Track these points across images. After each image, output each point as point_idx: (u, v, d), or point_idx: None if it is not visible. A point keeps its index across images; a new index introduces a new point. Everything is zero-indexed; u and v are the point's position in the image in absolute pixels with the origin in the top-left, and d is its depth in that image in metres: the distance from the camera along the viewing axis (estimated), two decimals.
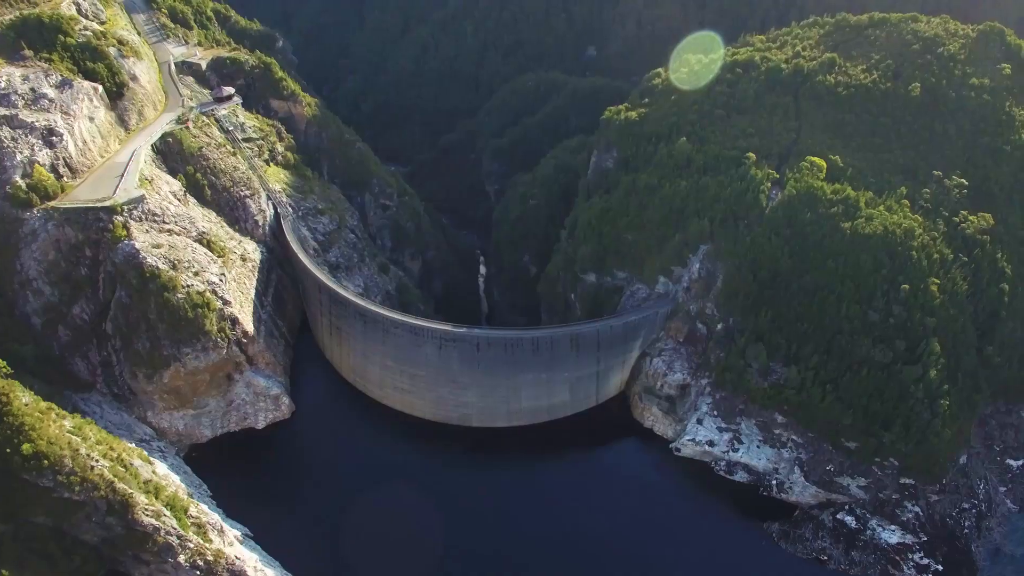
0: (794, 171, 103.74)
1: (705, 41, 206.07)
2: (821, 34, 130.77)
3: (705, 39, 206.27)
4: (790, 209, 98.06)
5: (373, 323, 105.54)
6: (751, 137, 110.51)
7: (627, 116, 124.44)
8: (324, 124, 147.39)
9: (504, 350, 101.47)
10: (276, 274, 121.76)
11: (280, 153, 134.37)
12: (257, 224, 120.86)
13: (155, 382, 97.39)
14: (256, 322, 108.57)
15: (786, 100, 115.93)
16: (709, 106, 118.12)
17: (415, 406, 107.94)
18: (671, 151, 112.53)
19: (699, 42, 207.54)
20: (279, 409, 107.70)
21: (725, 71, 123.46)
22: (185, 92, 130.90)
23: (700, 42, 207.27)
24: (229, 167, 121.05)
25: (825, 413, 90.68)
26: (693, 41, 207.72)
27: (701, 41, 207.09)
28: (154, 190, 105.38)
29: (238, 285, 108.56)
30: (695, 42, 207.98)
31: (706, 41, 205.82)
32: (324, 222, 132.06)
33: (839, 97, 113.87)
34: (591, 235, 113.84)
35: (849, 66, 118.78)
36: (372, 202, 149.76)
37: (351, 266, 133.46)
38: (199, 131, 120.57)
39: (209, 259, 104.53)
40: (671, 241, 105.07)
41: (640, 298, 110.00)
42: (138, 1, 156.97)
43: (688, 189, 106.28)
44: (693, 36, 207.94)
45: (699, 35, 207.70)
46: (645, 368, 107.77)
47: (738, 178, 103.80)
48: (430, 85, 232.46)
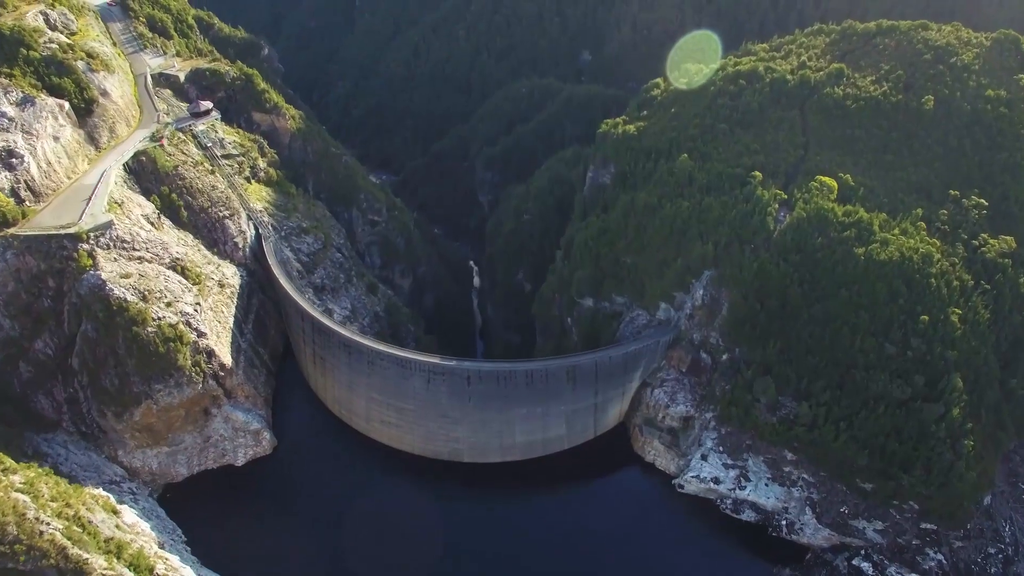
0: (803, 191, 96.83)
1: (703, 41, 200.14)
2: (827, 43, 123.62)
3: (703, 38, 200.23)
4: (799, 233, 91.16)
5: (358, 354, 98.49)
6: (756, 154, 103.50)
7: (624, 130, 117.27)
8: (309, 137, 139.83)
9: (496, 383, 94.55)
10: (257, 298, 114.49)
11: (262, 169, 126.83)
12: (237, 246, 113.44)
13: (125, 420, 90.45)
14: (235, 353, 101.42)
15: (792, 114, 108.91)
16: (711, 120, 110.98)
17: (403, 440, 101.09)
18: (671, 168, 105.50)
19: (697, 41, 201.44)
20: (260, 444, 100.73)
21: (727, 82, 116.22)
22: (161, 106, 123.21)
23: (698, 42, 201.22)
24: (207, 186, 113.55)
25: (839, 452, 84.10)
26: (691, 40, 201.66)
27: (699, 40, 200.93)
28: (124, 214, 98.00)
29: (215, 314, 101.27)
30: (693, 42, 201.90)
31: (704, 41, 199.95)
32: (308, 242, 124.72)
33: (848, 111, 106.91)
34: (588, 258, 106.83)
35: (858, 77, 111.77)
36: (360, 218, 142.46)
37: (337, 287, 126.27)
38: (175, 149, 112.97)
39: (183, 287, 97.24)
40: (672, 266, 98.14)
41: (640, 325, 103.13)
42: (115, 10, 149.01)
43: (690, 210, 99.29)
44: (691, 35, 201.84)
45: (697, 34, 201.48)
46: (646, 399, 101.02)
47: (743, 199, 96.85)
48: (421, 89, 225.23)
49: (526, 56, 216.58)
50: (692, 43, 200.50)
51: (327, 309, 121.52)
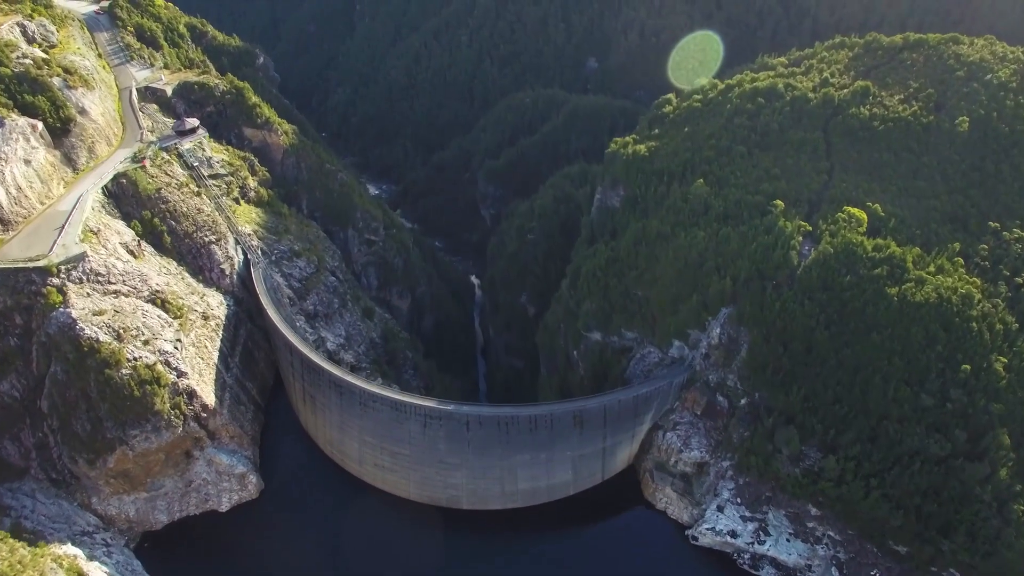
0: (828, 222, 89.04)
1: (704, 42, 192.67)
2: (850, 57, 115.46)
3: (704, 39, 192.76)
4: (826, 269, 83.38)
5: (349, 395, 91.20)
6: (777, 180, 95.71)
7: (635, 150, 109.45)
8: (303, 153, 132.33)
9: (497, 429, 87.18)
10: (245, 328, 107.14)
11: (252, 189, 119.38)
12: (223, 273, 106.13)
13: (98, 467, 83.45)
14: (219, 390, 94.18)
15: (815, 136, 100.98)
16: (727, 141, 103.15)
17: (398, 486, 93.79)
18: (686, 194, 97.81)
19: (698, 42, 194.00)
20: (245, 489, 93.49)
21: (745, 100, 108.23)
22: (146, 123, 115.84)
23: (699, 42, 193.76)
24: (192, 209, 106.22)
25: (870, 511, 76.49)
26: (693, 41, 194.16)
27: (700, 41, 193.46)
28: (100, 244, 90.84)
29: (197, 350, 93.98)
30: (694, 42, 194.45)
31: (705, 42, 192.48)
32: (300, 266, 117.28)
33: (875, 132, 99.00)
34: (595, 289, 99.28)
35: (884, 95, 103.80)
36: (356, 237, 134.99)
37: (331, 314, 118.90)
38: (158, 170, 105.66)
39: (163, 323, 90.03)
40: (687, 301, 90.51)
41: (651, 362, 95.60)
42: (103, 18, 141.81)
43: (706, 241, 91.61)
44: (693, 36, 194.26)
45: (698, 35, 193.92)
46: (657, 442, 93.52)
47: (764, 230, 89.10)
48: (422, 97, 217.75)
49: (530, 63, 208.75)
50: (694, 44, 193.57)
51: (320, 337, 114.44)
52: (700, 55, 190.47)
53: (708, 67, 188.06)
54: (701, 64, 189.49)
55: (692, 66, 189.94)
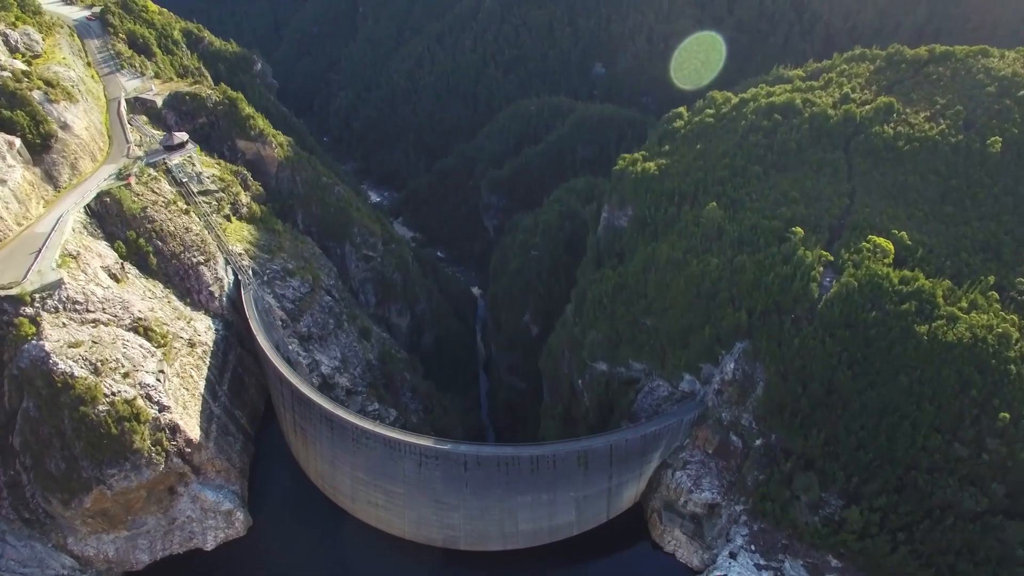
0: (851, 251, 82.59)
1: (707, 42, 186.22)
2: (871, 71, 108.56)
3: (707, 39, 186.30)
4: (849, 304, 77.04)
5: (341, 429, 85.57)
6: (795, 203, 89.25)
7: (643, 168, 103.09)
8: (298, 166, 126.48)
9: (497, 469, 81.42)
10: (235, 354, 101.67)
11: (244, 205, 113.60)
12: (212, 295, 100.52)
13: (73, 507, 78.00)
14: (205, 423, 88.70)
15: (835, 156, 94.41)
16: (742, 160, 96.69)
17: (393, 524, 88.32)
18: (698, 217, 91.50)
19: (700, 43, 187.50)
20: (232, 526, 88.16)
21: (760, 116, 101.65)
22: (134, 137, 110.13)
23: (701, 43, 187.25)
24: (180, 228, 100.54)
25: (897, 568, 70.36)
26: (695, 42, 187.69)
27: (703, 42, 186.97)
28: (79, 268, 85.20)
29: (182, 380, 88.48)
30: (697, 43, 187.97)
31: (708, 42, 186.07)
32: (294, 286, 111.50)
33: (900, 153, 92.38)
34: (602, 317, 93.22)
35: (909, 113, 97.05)
36: (353, 253, 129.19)
37: (325, 335, 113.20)
38: (144, 187, 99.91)
39: (145, 353, 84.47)
40: (699, 333, 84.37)
41: (660, 396, 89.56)
42: (94, 25, 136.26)
43: (720, 269, 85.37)
44: (695, 36, 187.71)
45: (701, 35, 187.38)
46: (666, 480, 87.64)
47: (782, 259, 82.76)
48: (425, 102, 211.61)
49: (535, 68, 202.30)
50: (697, 44, 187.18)
51: (314, 361, 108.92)
52: (703, 56, 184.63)
53: (711, 68, 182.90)
54: (704, 65, 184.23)
55: (695, 67, 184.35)
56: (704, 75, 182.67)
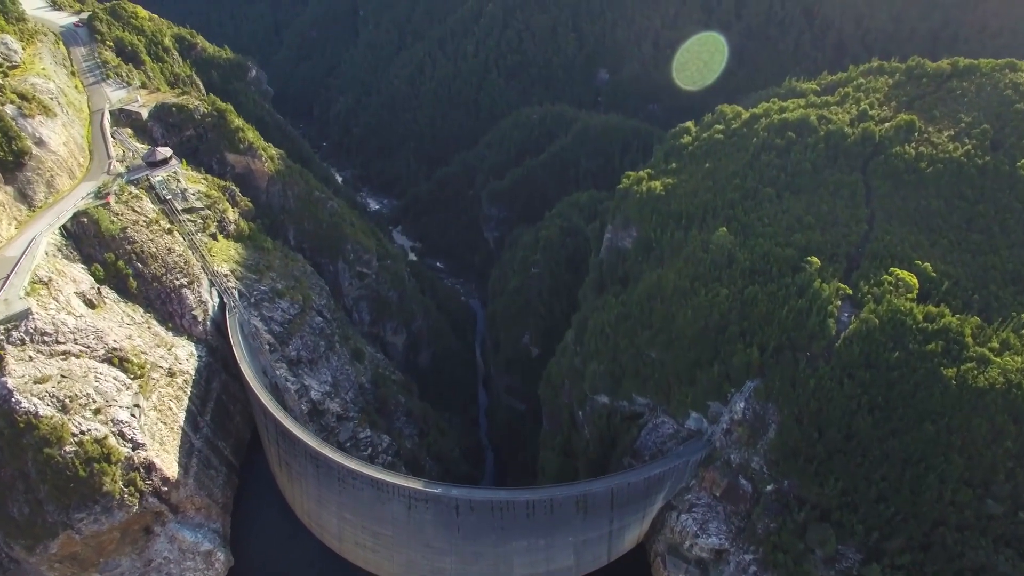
0: (870, 283, 76.60)
1: (709, 43, 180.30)
2: (890, 85, 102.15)
3: (709, 40, 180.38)
4: (869, 343, 71.10)
5: (327, 468, 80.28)
6: (810, 229, 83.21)
7: (649, 187, 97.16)
8: (290, 181, 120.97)
9: (491, 514, 75.93)
10: (219, 380, 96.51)
11: (232, 222, 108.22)
12: (196, 320, 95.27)
13: (39, 553, 72.97)
14: (184, 457, 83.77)
15: (853, 178, 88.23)
16: (754, 181, 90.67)
17: (382, 567, 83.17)
18: (706, 243, 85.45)
19: (703, 43, 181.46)
20: (212, 567, 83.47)
21: (773, 134, 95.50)
22: (117, 151, 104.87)
23: (704, 43, 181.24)
24: (162, 249, 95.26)
25: None
26: (697, 42, 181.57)
27: (705, 42, 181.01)
28: (51, 296, 79.97)
29: (160, 414, 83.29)
30: (698, 43, 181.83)
31: (710, 43, 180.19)
32: (283, 307, 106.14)
33: (922, 175, 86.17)
34: (604, 348, 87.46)
35: (932, 132, 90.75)
36: (347, 270, 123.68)
37: (316, 359, 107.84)
38: (124, 206, 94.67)
39: (119, 386, 79.36)
40: (707, 370, 78.46)
41: (665, 434, 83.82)
42: (81, 31, 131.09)
43: (730, 300, 79.52)
44: (697, 37, 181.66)
45: (703, 36, 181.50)
46: (671, 523, 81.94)
47: (796, 291, 76.82)
48: (426, 109, 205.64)
49: (539, 75, 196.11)
50: (699, 45, 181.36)
51: (303, 386, 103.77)
52: (705, 56, 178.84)
53: (713, 69, 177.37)
54: (706, 65, 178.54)
55: (698, 67, 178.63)
56: (707, 76, 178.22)
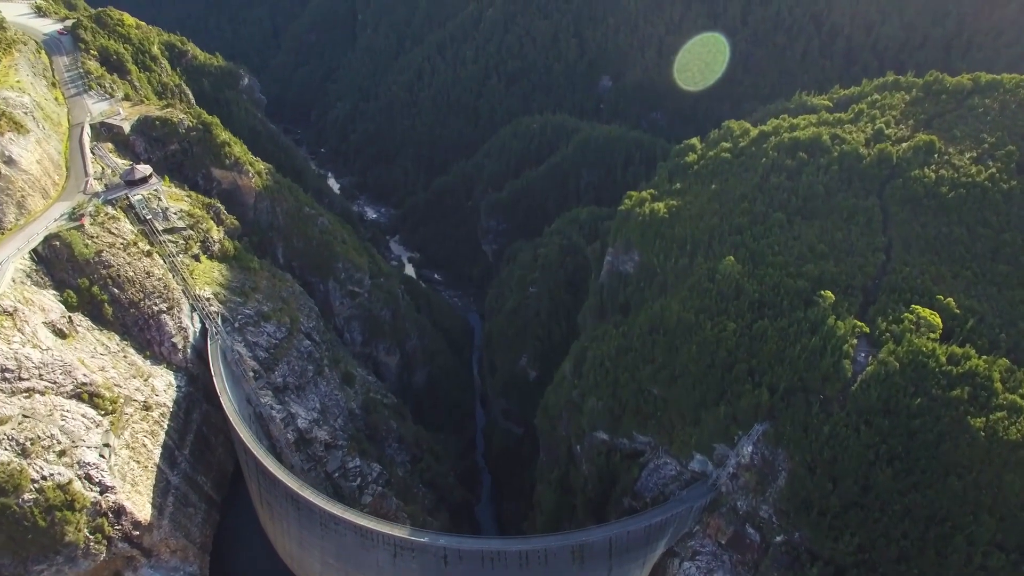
0: (888, 319, 70.83)
1: (710, 43, 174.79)
2: (907, 102, 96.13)
3: (710, 40, 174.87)
4: (889, 387, 65.53)
5: (308, 511, 75.13)
6: (823, 259, 77.55)
7: (651, 209, 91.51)
8: (278, 196, 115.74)
9: (481, 565, 70.80)
10: (200, 411, 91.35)
11: (216, 242, 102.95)
12: (176, 347, 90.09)
13: None
14: (159, 497, 78.79)
15: (869, 203, 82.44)
16: (763, 205, 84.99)
17: None
18: (713, 272, 79.81)
19: (704, 43, 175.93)
20: None
21: (783, 154, 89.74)
22: (95, 168, 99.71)
23: (705, 43, 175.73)
24: (140, 273, 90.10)
25: None
26: (699, 43, 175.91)
27: (706, 43, 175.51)
28: (14, 328, 74.96)
29: (133, 452, 78.17)
30: (701, 43, 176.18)
31: (711, 43, 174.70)
32: (269, 331, 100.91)
33: (943, 200, 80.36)
34: (603, 382, 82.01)
35: (953, 153, 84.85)
36: (338, 289, 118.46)
37: (303, 384, 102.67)
38: (99, 229, 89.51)
39: (88, 424, 74.15)
40: (713, 411, 72.93)
41: (667, 475, 78.35)
42: (65, 40, 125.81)
43: (737, 336, 74.05)
44: (699, 37, 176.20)
45: (704, 36, 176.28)
46: (672, 570, 76.62)
47: (809, 328, 71.26)
48: (424, 116, 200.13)
49: (539, 82, 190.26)
50: (700, 45, 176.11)
51: (290, 414, 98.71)
52: (707, 57, 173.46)
53: (714, 69, 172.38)
54: (707, 66, 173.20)
55: (699, 67, 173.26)
56: (708, 76, 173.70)
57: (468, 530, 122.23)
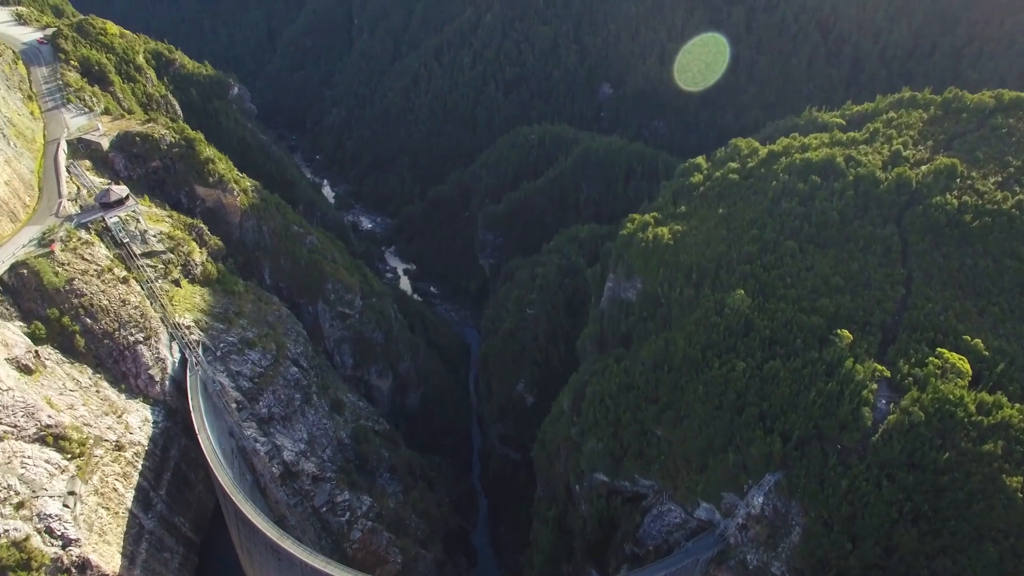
0: (910, 361, 65.24)
1: (711, 44, 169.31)
2: (925, 120, 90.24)
3: (710, 40, 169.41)
4: (913, 439, 60.00)
5: (288, 563, 69.56)
6: (839, 293, 71.97)
7: (655, 234, 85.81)
8: (265, 215, 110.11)
9: None
10: (178, 447, 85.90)
11: (199, 265, 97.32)
12: (153, 380, 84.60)
13: None
14: (131, 545, 73.51)
15: (886, 231, 76.72)
16: (773, 232, 79.27)
17: None
18: (720, 305, 74.20)
19: (705, 44, 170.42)
20: None
21: (795, 176, 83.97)
22: (71, 188, 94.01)
23: (705, 44, 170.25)
24: (115, 301, 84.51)
25: None
26: (699, 43, 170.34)
27: (707, 43, 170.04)
28: None
29: (102, 499, 72.71)
30: (701, 44, 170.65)
31: (711, 43, 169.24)
32: (254, 359, 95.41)
33: (967, 230, 74.68)
34: (603, 422, 76.48)
35: (977, 178, 79.11)
36: (327, 311, 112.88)
37: (290, 414, 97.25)
38: (72, 254, 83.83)
39: (52, 470, 68.77)
40: (721, 457, 67.33)
41: (671, 523, 72.85)
42: (45, 50, 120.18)
43: (748, 376, 68.47)
44: (700, 38, 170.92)
45: (705, 36, 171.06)
46: None
47: (824, 369, 65.76)
48: (421, 124, 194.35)
49: (538, 89, 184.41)
50: (701, 45, 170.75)
51: (275, 446, 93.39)
52: (707, 57, 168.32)
53: (714, 70, 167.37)
54: (707, 66, 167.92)
55: (699, 67, 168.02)
56: (708, 77, 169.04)
57: (464, 558, 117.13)
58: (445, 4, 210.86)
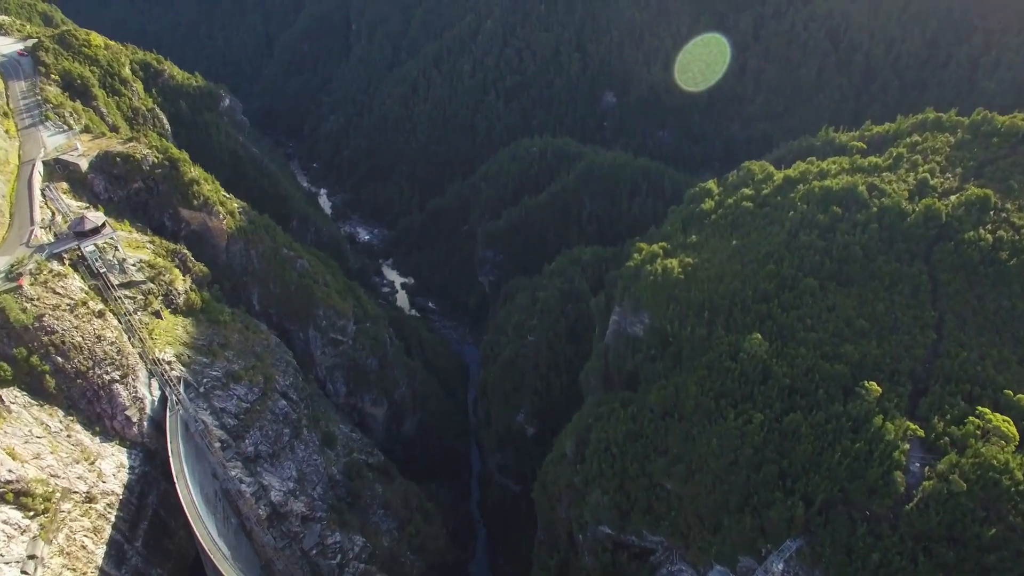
0: (945, 417, 59.12)
1: (711, 44, 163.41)
2: (952, 145, 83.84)
3: (711, 40, 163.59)
4: (953, 510, 53.95)
5: None
6: (864, 338, 65.98)
7: (664, 266, 79.65)
8: (254, 238, 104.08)
9: None
10: (157, 493, 79.94)
11: (181, 294, 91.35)
12: (130, 421, 78.73)
13: None
14: None
15: (914, 269, 70.54)
16: (792, 268, 73.13)
17: None
18: (735, 348, 68.13)
19: (705, 44, 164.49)
20: None
21: (814, 206, 77.73)
22: (43, 214, 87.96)
23: (706, 44, 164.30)
24: (89, 338, 78.52)
25: None
26: (700, 44, 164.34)
27: (707, 43, 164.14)
28: None
29: (69, 559, 66.75)
30: (702, 44, 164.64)
31: (712, 43, 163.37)
32: (239, 394, 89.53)
33: (1003, 268, 68.50)
34: (608, 472, 70.65)
35: (1012, 210, 72.80)
36: (319, 338, 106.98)
37: (278, 451, 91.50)
38: (42, 288, 77.79)
39: (11, 531, 62.98)
40: (737, 519, 61.37)
41: None
42: (25, 62, 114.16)
43: (766, 431, 62.43)
44: (700, 38, 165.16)
45: (705, 36, 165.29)
46: None
47: (850, 426, 59.77)
48: (420, 132, 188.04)
49: (540, 97, 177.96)
50: (701, 45, 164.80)
51: (262, 486, 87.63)
52: (707, 57, 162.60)
53: (715, 70, 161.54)
54: (708, 67, 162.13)
55: (699, 68, 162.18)
56: (709, 77, 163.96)
57: None
58: (445, 9, 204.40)
